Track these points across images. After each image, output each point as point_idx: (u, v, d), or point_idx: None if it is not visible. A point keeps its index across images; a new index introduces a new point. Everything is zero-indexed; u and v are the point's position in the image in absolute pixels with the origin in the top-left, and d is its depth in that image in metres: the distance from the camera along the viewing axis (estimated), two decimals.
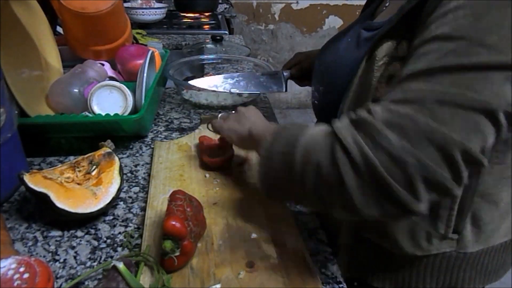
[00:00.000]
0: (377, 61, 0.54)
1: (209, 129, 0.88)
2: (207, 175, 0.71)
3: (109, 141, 0.69)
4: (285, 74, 0.94)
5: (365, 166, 0.42)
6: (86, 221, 0.60)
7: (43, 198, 0.56)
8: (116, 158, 0.66)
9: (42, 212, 0.62)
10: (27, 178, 0.57)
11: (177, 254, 0.49)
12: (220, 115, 0.77)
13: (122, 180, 0.64)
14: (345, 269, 0.68)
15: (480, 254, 0.62)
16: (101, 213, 0.61)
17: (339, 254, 0.68)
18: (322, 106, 0.73)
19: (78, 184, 0.62)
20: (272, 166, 0.51)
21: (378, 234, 0.62)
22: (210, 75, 1.11)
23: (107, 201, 0.60)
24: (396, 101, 0.44)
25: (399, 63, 0.52)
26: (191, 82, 0.87)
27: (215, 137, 0.77)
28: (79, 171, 0.65)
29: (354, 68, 0.59)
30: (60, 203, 0.56)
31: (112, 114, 0.75)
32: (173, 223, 0.48)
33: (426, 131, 0.41)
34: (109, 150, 0.67)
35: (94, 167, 0.65)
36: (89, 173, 0.64)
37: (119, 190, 0.63)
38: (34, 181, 0.57)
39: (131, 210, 0.64)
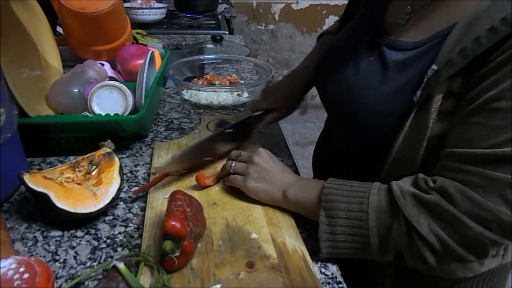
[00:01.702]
0: (435, 103, 0.50)
1: (208, 129, 0.88)
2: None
3: (109, 141, 0.69)
4: (254, 115, 0.81)
5: (443, 248, 0.47)
6: (86, 221, 0.60)
7: (43, 198, 0.56)
8: (116, 158, 0.66)
9: (42, 212, 0.62)
10: (27, 178, 0.57)
11: (177, 254, 0.49)
12: (233, 164, 0.66)
13: (122, 180, 0.64)
14: None
15: None
16: (101, 213, 0.61)
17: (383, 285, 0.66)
18: (342, 130, 0.68)
19: (78, 184, 0.62)
20: (338, 235, 0.53)
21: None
22: (210, 74, 1.11)
23: (107, 201, 0.60)
24: (473, 187, 0.46)
25: (451, 99, 0.50)
26: None
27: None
28: (79, 171, 0.65)
29: (385, 94, 0.55)
30: (60, 203, 0.56)
31: (112, 114, 0.75)
32: (173, 223, 0.48)
33: (506, 224, 0.45)
34: (109, 150, 0.67)
35: (94, 167, 0.65)
36: (89, 173, 0.64)
37: (119, 190, 0.63)
38: (34, 181, 0.57)
39: (131, 210, 0.64)
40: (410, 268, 0.54)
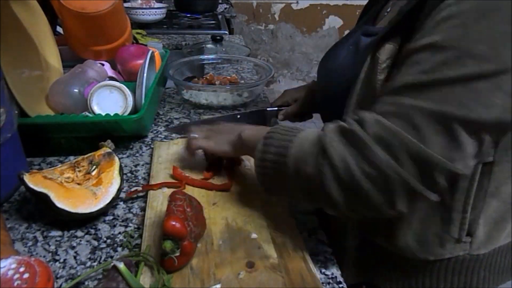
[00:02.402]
0: (380, 64, 0.54)
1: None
2: None
3: (109, 141, 0.69)
4: (269, 110, 0.90)
5: (349, 178, 0.47)
6: (86, 221, 0.60)
7: (43, 198, 0.56)
8: (116, 158, 0.66)
9: (42, 212, 0.62)
10: (27, 178, 0.57)
11: (177, 254, 0.49)
12: (191, 135, 0.70)
13: (122, 180, 0.64)
14: (353, 274, 0.68)
15: (492, 255, 0.62)
16: (101, 213, 0.61)
17: (346, 259, 0.67)
18: (326, 113, 0.73)
19: (78, 184, 0.62)
20: (267, 172, 0.56)
21: (387, 240, 0.62)
22: (210, 74, 1.11)
23: (107, 201, 0.60)
24: (387, 115, 0.47)
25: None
26: None
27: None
28: (79, 171, 0.65)
29: (355, 72, 0.59)
30: (60, 203, 0.56)
31: (112, 114, 0.75)
32: (173, 223, 0.48)
33: (412, 151, 0.45)
34: (109, 150, 0.67)
35: (94, 167, 0.65)
36: (89, 173, 0.64)
37: (119, 190, 0.63)
38: (34, 181, 0.57)
39: (131, 210, 0.64)
40: (378, 244, 0.59)
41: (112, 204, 0.62)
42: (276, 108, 0.91)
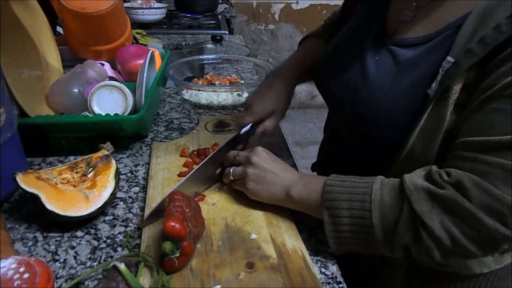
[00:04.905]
0: (453, 94, 0.49)
1: (206, 130, 0.88)
2: None
3: (108, 143, 0.69)
4: (243, 132, 0.75)
5: (452, 245, 0.46)
6: (85, 221, 0.60)
7: (34, 199, 0.56)
8: (113, 162, 0.66)
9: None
10: (19, 178, 0.57)
11: (177, 255, 0.49)
12: (231, 170, 0.64)
13: (117, 184, 0.63)
14: None
15: None
16: (92, 217, 0.60)
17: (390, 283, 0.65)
18: (360, 133, 0.65)
19: (74, 186, 0.62)
20: (343, 233, 0.52)
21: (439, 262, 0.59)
22: (210, 74, 1.11)
23: (99, 205, 0.59)
24: (494, 179, 0.44)
25: (466, 90, 0.49)
26: None
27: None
28: (77, 172, 0.64)
29: (410, 100, 0.54)
30: (50, 205, 0.56)
31: (112, 114, 0.75)
32: (173, 224, 0.48)
33: None
34: (107, 152, 0.67)
35: (91, 169, 0.64)
36: (85, 175, 0.64)
37: (113, 194, 0.62)
38: (26, 182, 0.57)
39: (131, 210, 0.64)
40: (423, 265, 0.54)
41: (104, 209, 0.61)
42: (248, 128, 0.76)
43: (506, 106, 0.44)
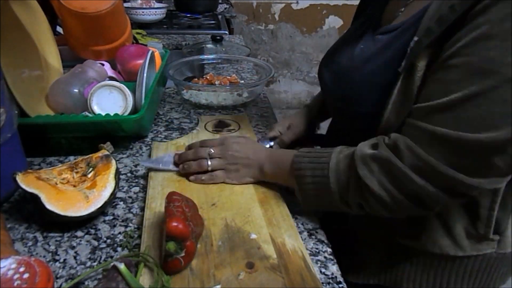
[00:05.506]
0: (418, 71, 0.53)
1: (206, 130, 0.88)
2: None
3: (108, 143, 0.69)
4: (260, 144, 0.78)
5: (392, 200, 0.52)
6: (85, 221, 0.60)
7: (34, 199, 0.56)
8: (113, 162, 0.66)
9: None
10: (19, 178, 0.57)
11: (182, 255, 0.49)
12: (209, 163, 0.68)
13: (117, 184, 0.63)
14: (377, 277, 0.68)
15: None
16: (92, 217, 0.60)
17: (369, 265, 0.68)
18: (345, 115, 0.70)
19: (74, 186, 0.62)
20: (310, 196, 0.60)
21: (415, 238, 0.62)
22: (210, 74, 1.11)
23: (99, 205, 0.59)
24: (423, 143, 0.49)
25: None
26: None
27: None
28: (77, 172, 0.64)
29: (385, 76, 0.58)
30: (50, 205, 0.56)
31: (112, 114, 0.75)
32: (176, 224, 0.48)
33: (447, 177, 0.48)
34: (107, 152, 0.67)
35: (91, 169, 0.64)
36: (85, 175, 0.64)
37: (113, 194, 0.62)
38: (26, 182, 0.57)
39: (131, 210, 0.64)
40: (401, 243, 0.62)
41: (104, 209, 0.61)
42: (269, 141, 0.83)
43: (442, 76, 0.49)
